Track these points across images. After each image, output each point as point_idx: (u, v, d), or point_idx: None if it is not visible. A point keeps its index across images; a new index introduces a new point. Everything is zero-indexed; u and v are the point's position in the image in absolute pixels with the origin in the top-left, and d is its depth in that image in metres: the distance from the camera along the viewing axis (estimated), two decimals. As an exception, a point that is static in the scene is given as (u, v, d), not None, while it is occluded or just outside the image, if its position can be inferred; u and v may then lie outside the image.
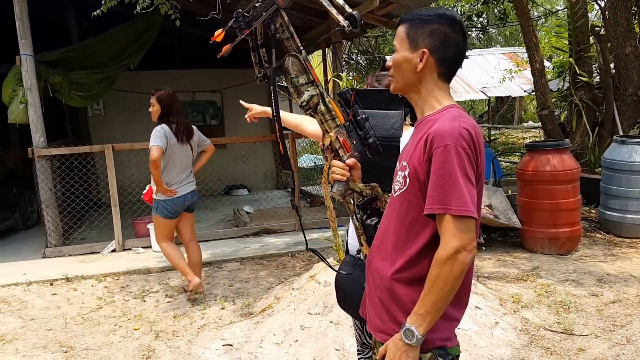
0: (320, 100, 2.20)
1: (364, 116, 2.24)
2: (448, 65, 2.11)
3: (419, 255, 2.05)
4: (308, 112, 2.24)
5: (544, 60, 10.14)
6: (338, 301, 2.98)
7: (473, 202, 1.94)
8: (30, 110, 8.22)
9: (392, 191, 2.15)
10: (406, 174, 2.06)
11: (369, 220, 2.22)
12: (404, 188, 2.07)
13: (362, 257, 2.29)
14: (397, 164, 2.19)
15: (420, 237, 2.05)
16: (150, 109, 6.02)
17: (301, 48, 2.17)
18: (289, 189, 2.61)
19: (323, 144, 2.25)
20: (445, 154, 1.92)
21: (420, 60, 2.07)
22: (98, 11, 6.63)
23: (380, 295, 2.16)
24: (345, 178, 2.19)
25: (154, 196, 6.11)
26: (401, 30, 2.12)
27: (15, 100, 8.27)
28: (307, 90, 2.18)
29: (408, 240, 2.07)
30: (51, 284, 7.05)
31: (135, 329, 5.60)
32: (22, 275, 7.34)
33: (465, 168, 1.93)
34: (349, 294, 2.86)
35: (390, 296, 2.11)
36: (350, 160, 2.19)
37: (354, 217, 2.25)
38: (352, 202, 2.24)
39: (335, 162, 2.21)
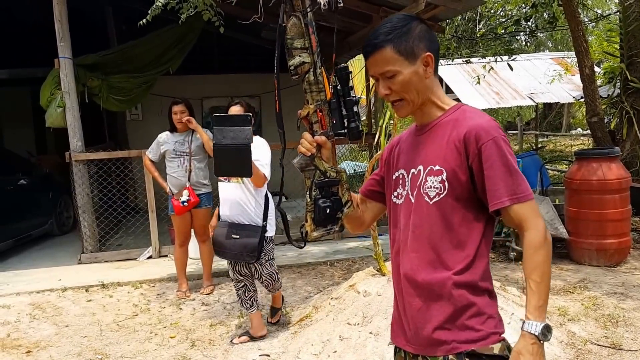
0: (311, 69, 2.08)
1: (354, 98, 2.14)
2: (438, 56, 2.09)
3: (477, 256, 2.01)
4: (295, 78, 2.12)
5: (594, 66, 9.86)
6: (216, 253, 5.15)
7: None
8: (68, 114, 8.20)
9: (427, 199, 2.04)
10: (444, 177, 2.00)
11: (321, 201, 2.13)
12: (444, 192, 2.00)
13: (301, 232, 2.22)
14: (409, 174, 2.13)
15: (472, 236, 2.01)
16: (184, 118, 6.47)
17: (308, 11, 2.03)
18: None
19: (300, 113, 2.15)
20: (496, 146, 1.92)
21: (427, 65, 2.04)
22: (143, 21, 6.56)
23: (441, 309, 2.03)
24: (310, 153, 2.10)
25: (205, 190, 6.65)
26: (388, 52, 2.01)
27: (53, 103, 8.26)
28: (300, 56, 2.06)
29: (461, 241, 2.01)
30: (86, 291, 7.00)
31: (171, 337, 5.52)
32: (57, 281, 7.31)
33: (513, 154, 1.94)
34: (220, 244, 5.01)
35: (458, 302, 2.01)
36: (320, 138, 2.10)
37: (308, 194, 2.15)
38: (310, 178, 2.15)
39: (306, 135, 2.13)
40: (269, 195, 5.26)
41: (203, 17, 6.70)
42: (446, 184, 1.98)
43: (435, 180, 2.01)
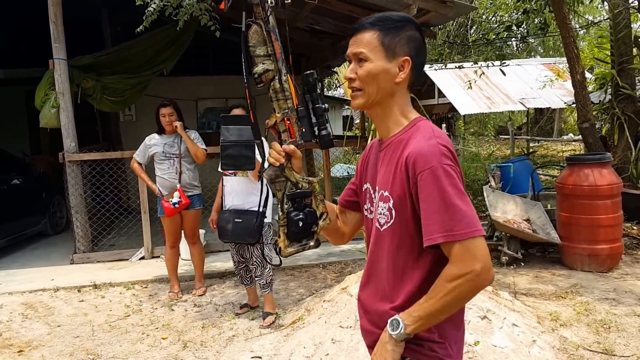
0: (276, 77, 2.03)
1: (324, 106, 2.07)
2: (418, 73, 2.00)
3: (420, 292, 1.88)
4: (260, 86, 2.08)
5: (585, 72, 9.90)
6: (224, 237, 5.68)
7: (476, 218, 1.79)
8: (62, 114, 8.20)
9: (378, 225, 1.99)
10: (391, 205, 1.91)
11: (293, 214, 2.06)
12: (391, 221, 1.92)
13: (275, 248, 2.12)
14: (375, 191, 2.04)
15: (417, 271, 1.90)
16: (173, 123, 6.44)
17: (268, 17, 2.01)
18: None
19: (267, 123, 2.09)
20: (433, 177, 1.78)
21: (401, 70, 1.95)
22: (140, 28, 6.55)
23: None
24: (279, 163, 2.03)
25: (195, 192, 6.62)
26: (371, 37, 1.94)
27: (47, 104, 8.24)
28: (263, 63, 2.02)
29: (405, 275, 1.92)
30: (79, 291, 6.99)
31: (163, 338, 5.51)
32: (50, 281, 7.30)
33: (457, 186, 1.78)
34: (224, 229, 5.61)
35: None
36: (289, 147, 2.03)
37: (280, 207, 2.09)
38: (281, 190, 2.09)
39: (275, 145, 2.06)
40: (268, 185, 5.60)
41: (201, 21, 6.70)
42: (393, 212, 1.91)
43: (384, 207, 1.95)
